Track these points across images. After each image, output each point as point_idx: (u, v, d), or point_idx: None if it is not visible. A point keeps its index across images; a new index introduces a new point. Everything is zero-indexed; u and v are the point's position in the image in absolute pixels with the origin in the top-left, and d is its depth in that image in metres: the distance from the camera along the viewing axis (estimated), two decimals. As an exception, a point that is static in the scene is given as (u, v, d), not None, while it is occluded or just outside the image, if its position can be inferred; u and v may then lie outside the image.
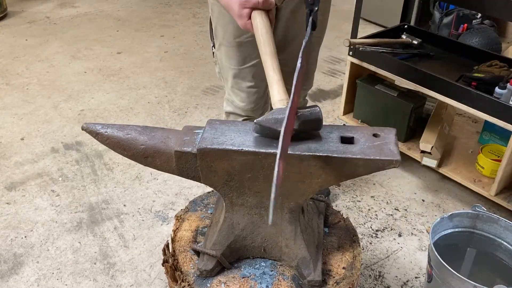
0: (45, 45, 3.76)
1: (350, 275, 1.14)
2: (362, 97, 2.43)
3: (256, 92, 1.68)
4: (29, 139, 2.61)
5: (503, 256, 1.55)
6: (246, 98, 1.69)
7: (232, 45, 1.57)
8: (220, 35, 1.59)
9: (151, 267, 1.84)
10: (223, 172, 1.02)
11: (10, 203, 2.16)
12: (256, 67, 1.62)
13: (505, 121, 1.86)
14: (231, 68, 1.63)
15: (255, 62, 1.60)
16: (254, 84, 1.66)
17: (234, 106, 1.72)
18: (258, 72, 1.64)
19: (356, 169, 0.98)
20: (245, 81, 1.65)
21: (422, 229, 2.04)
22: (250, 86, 1.66)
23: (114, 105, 2.95)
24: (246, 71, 1.62)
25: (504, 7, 1.83)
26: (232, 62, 1.61)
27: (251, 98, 1.69)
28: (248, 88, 1.67)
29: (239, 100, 1.70)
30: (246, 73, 1.63)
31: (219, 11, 1.54)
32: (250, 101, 1.70)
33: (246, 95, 1.68)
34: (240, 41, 1.55)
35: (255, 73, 1.63)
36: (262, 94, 1.72)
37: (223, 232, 1.12)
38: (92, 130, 1.07)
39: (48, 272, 1.82)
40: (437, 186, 2.28)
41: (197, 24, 4.27)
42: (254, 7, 1.17)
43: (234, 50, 1.57)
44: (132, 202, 2.17)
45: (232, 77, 1.66)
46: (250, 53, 1.58)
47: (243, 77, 1.64)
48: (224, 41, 1.58)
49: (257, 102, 1.71)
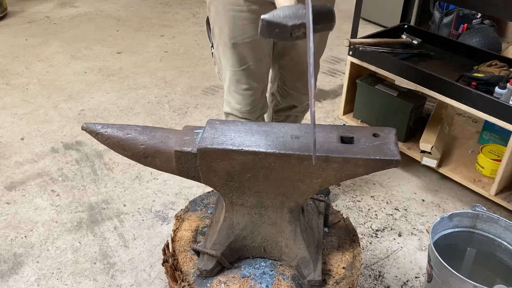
0: (45, 45, 3.76)
1: (350, 275, 1.14)
2: (362, 97, 2.43)
3: (252, 95, 1.67)
4: (29, 139, 2.61)
5: (503, 256, 1.54)
6: (242, 100, 1.68)
7: (227, 46, 1.56)
8: (217, 35, 1.59)
9: (151, 267, 1.84)
10: (223, 172, 1.02)
11: (10, 203, 2.16)
12: (252, 69, 1.61)
13: (505, 121, 1.86)
14: (228, 69, 1.63)
15: (251, 64, 1.59)
16: (249, 86, 1.65)
17: (231, 108, 1.72)
18: (254, 74, 1.63)
19: (356, 169, 0.98)
20: (241, 83, 1.64)
21: (422, 229, 2.04)
22: (246, 88, 1.65)
23: (114, 105, 2.95)
24: (242, 73, 1.62)
25: (504, 7, 1.83)
26: (228, 63, 1.61)
27: (247, 100, 1.68)
28: (244, 91, 1.66)
29: (235, 102, 1.69)
30: (242, 75, 1.62)
31: (215, 11, 1.54)
32: (247, 103, 1.69)
33: (242, 97, 1.67)
34: (235, 42, 1.54)
35: (251, 75, 1.63)
36: (259, 96, 1.71)
37: (223, 232, 1.12)
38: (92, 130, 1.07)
39: (48, 272, 1.82)
40: (437, 186, 2.28)
41: (197, 24, 4.27)
42: None
43: (230, 51, 1.57)
44: (132, 202, 2.17)
45: (228, 78, 1.66)
46: (245, 55, 1.57)
47: (238, 79, 1.63)
48: (221, 41, 1.58)
49: (254, 104, 1.70)
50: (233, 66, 1.60)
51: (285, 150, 0.97)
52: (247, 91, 1.66)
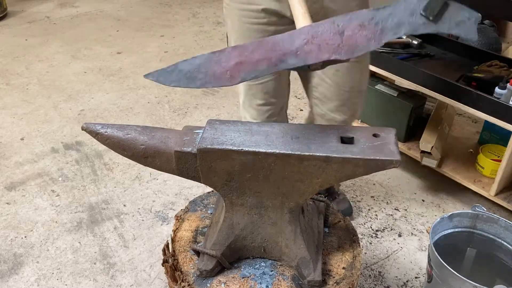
0: (45, 45, 3.76)
1: (350, 275, 1.14)
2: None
3: (268, 110, 1.58)
4: (29, 139, 2.61)
5: (503, 256, 1.54)
6: (257, 115, 1.59)
7: None
8: None
9: (151, 267, 1.84)
10: (223, 172, 1.02)
11: (10, 203, 2.16)
12: (269, 84, 1.53)
13: (505, 121, 1.86)
14: (242, 83, 1.54)
15: (268, 79, 1.51)
16: (266, 102, 1.56)
17: None
18: (271, 89, 1.54)
19: (356, 169, 0.98)
20: (256, 98, 1.56)
21: (422, 229, 2.04)
22: (261, 104, 1.57)
23: (114, 105, 2.95)
24: (258, 87, 1.54)
25: (504, 7, 1.83)
26: None
27: (262, 116, 1.59)
28: (258, 106, 1.57)
29: (250, 116, 1.61)
30: (257, 90, 1.54)
31: (231, 24, 1.50)
32: (262, 120, 1.59)
33: (257, 112, 1.59)
34: None
35: (268, 90, 1.54)
36: (277, 112, 1.61)
37: (223, 232, 1.12)
38: (92, 130, 1.07)
39: (48, 272, 1.82)
40: (437, 186, 2.28)
41: (197, 24, 4.27)
42: None
43: None
44: (132, 202, 2.17)
45: (244, 93, 1.58)
46: None
47: (254, 93, 1.55)
48: None
49: (270, 121, 1.60)
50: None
51: (285, 150, 0.97)
52: (263, 106, 1.58)
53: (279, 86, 1.57)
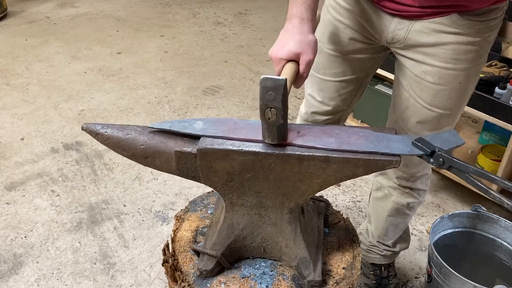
0: (45, 45, 3.76)
1: (350, 275, 1.14)
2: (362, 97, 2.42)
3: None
4: (29, 139, 2.61)
5: (503, 256, 1.54)
6: (306, 105, 1.53)
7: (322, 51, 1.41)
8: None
9: (151, 267, 1.84)
10: (223, 172, 1.02)
11: (10, 203, 2.16)
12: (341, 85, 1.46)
13: (505, 121, 1.86)
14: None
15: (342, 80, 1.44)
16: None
17: (301, 109, 1.56)
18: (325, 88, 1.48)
19: (356, 169, 0.97)
20: (314, 88, 1.50)
21: (422, 229, 2.04)
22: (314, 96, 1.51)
23: (114, 105, 2.95)
24: (316, 80, 1.48)
25: (504, 7, 1.82)
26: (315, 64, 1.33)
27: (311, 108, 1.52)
28: (309, 97, 1.52)
29: (303, 104, 1.54)
30: (315, 82, 1.49)
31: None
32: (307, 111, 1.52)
33: (307, 102, 1.53)
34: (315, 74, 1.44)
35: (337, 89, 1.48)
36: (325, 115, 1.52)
37: (223, 232, 1.12)
38: (92, 130, 1.07)
39: (48, 272, 1.82)
40: (437, 186, 2.28)
41: (197, 24, 4.27)
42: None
43: (320, 55, 1.35)
44: (132, 202, 2.17)
45: (309, 77, 1.39)
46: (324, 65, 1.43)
47: (312, 82, 1.49)
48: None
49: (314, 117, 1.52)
50: (315, 69, 1.43)
51: (285, 150, 0.97)
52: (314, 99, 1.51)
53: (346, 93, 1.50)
